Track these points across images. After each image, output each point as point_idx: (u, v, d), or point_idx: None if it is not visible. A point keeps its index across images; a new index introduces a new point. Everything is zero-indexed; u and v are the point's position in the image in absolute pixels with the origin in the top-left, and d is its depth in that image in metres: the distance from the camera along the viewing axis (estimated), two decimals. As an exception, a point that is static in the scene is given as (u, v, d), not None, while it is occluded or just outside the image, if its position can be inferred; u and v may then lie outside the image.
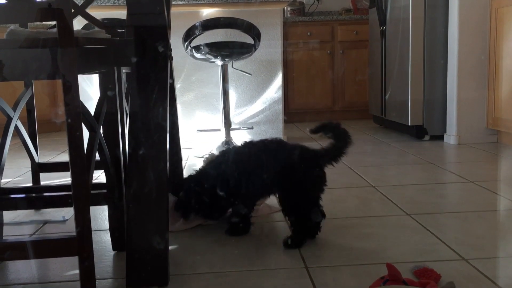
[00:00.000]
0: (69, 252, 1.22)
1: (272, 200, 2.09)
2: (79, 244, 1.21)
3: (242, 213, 1.78)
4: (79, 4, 1.86)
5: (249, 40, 3.33)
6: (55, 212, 2.07)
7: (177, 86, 3.77)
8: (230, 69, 3.51)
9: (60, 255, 1.27)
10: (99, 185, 1.73)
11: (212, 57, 3.23)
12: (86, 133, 1.24)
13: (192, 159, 3.26)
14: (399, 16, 3.75)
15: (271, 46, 3.77)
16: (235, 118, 3.78)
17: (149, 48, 1.45)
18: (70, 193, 1.21)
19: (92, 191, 1.44)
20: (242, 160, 1.75)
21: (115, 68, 1.57)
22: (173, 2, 3.42)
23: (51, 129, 4.74)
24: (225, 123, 3.41)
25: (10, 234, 1.84)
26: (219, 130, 3.54)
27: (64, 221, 1.98)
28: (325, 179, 1.73)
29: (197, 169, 1.89)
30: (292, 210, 1.68)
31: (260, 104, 3.81)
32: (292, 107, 5.02)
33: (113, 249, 1.65)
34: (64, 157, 3.38)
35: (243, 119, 3.81)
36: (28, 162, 2.12)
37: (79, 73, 1.23)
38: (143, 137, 1.41)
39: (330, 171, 1.72)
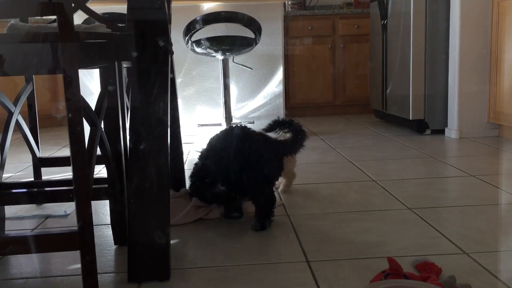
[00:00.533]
0: (71, 246, 1.23)
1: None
2: (81, 238, 1.21)
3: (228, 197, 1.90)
4: (80, -1, 1.86)
5: (250, 34, 3.33)
6: (57, 206, 2.08)
7: (178, 80, 3.77)
8: (231, 64, 3.51)
9: (61, 250, 1.28)
10: (100, 180, 1.73)
11: (213, 52, 3.23)
12: (87, 128, 1.24)
13: (193, 154, 3.26)
14: (401, 10, 3.74)
15: (272, 40, 3.77)
16: (236, 113, 3.78)
17: (150, 42, 1.44)
18: (72, 187, 1.21)
19: (93, 186, 1.44)
20: (216, 148, 1.87)
21: (116, 63, 1.57)
22: (173, -4, 3.41)
23: (52, 124, 4.75)
24: (226, 117, 3.41)
25: (12, 228, 1.85)
26: (220, 124, 3.54)
27: (65, 216, 1.98)
28: (282, 167, 1.87)
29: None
30: (257, 195, 1.78)
31: (261, 98, 3.81)
32: (293, 102, 5.01)
33: (115, 244, 1.66)
34: (65, 152, 3.39)
35: (244, 114, 3.81)
36: (29, 157, 2.13)
37: (80, 68, 1.23)
38: (144, 132, 1.41)
39: (330, 165, 1.73)
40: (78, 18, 3.05)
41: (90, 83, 3.60)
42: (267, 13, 3.72)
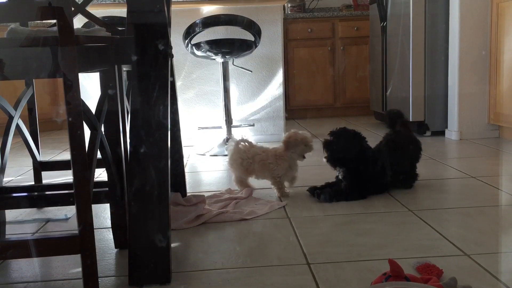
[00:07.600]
0: (72, 250, 1.23)
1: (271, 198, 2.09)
2: (82, 242, 1.21)
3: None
4: (79, 2, 1.86)
5: (249, 37, 3.33)
6: (57, 210, 2.08)
7: (178, 83, 3.77)
8: (231, 66, 3.51)
9: (62, 253, 1.28)
10: (100, 183, 1.73)
11: (212, 55, 3.23)
12: (87, 131, 1.24)
13: (194, 157, 3.26)
14: (400, 12, 3.74)
15: (271, 43, 3.77)
16: (236, 115, 3.78)
17: (150, 46, 1.45)
18: (72, 191, 1.21)
19: (94, 189, 1.44)
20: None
21: (116, 66, 1.57)
22: (173, 0, 3.41)
23: (53, 128, 4.75)
24: (226, 120, 3.41)
25: (13, 232, 1.85)
26: (220, 127, 3.55)
27: (66, 220, 1.98)
28: None
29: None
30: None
31: (261, 101, 3.81)
32: (293, 104, 5.01)
33: (115, 247, 1.66)
34: (66, 156, 3.39)
35: (244, 116, 3.81)
36: (29, 161, 2.13)
37: (80, 72, 1.24)
38: (144, 135, 1.41)
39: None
40: (78, 22, 3.06)
41: (90, 87, 3.60)
42: (266, 16, 3.73)
